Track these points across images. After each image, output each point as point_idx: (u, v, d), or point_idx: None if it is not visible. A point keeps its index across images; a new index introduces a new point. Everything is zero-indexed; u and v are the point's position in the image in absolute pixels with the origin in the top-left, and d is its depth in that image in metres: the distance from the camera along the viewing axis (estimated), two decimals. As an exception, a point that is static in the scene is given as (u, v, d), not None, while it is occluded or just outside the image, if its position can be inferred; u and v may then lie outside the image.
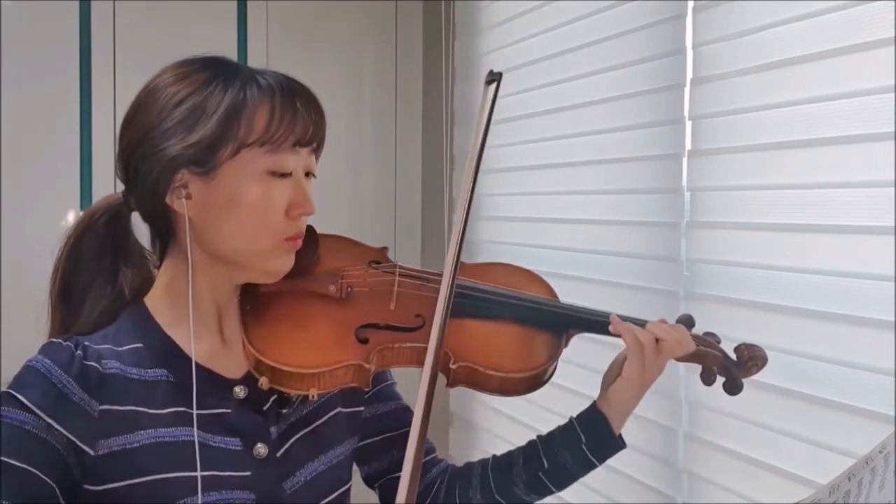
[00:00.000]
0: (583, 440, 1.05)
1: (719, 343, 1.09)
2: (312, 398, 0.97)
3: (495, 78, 0.96)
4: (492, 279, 1.10)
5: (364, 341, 0.98)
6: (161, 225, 0.97)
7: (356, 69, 2.56)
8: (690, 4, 1.48)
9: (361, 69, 2.57)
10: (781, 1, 1.28)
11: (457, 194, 2.30)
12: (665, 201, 1.55)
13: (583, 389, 1.56)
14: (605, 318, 1.05)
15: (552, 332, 1.05)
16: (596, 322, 1.06)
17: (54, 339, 0.93)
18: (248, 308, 0.98)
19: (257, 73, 0.94)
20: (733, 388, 1.07)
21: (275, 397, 0.99)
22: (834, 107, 1.20)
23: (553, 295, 1.11)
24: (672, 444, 1.52)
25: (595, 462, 1.06)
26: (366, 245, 1.10)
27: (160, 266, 1.00)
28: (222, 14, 2.36)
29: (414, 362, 0.99)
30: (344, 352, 0.96)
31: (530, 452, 1.09)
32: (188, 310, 0.95)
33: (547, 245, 1.90)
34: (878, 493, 0.68)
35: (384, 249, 1.10)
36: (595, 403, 1.07)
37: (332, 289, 1.01)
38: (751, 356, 1.06)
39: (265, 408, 0.98)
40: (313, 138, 0.95)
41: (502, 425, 2.07)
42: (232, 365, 0.98)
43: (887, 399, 1.11)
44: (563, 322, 1.06)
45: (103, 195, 1.04)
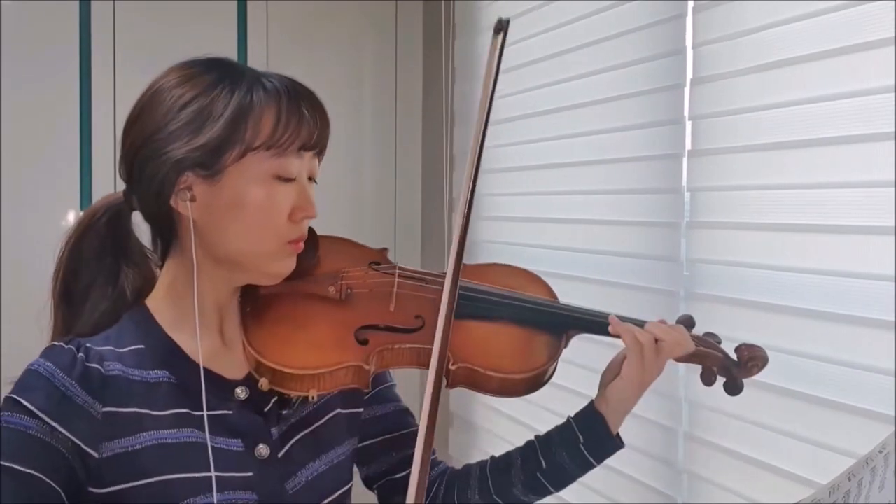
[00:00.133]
0: (581, 440, 1.05)
1: (720, 343, 1.09)
2: (312, 399, 0.97)
3: (503, 27, 0.92)
4: (491, 280, 1.10)
5: (364, 342, 0.98)
6: (164, 226, 0.97)
7: (356, 69, 2.56)
8: (690, 4, 1.48)
9: (361, 69, 2.57)
10: (781, 1, 1.28)
11: (457, 194, 2.30)
12: (665, 201, 1.55)
13: (582, 389, 1.56)
14: (605, 319, 1.04)
15: (552, 333, 1.05)
16: (596, 323, 1.05)
17: (56, 343, 0.93)
18: (249, 310, 0.99)
19: (262, 76, 0.94)
20: (734, 389, 1.07)
21: (276, 398, 0.99)
22: (834, 107, 1.20)
23: (553, 295, 1.11)
24: (672, 444, 1.52)
25: (593, 462, 1.05)
26: (365, 246, 1.10)
27: (162, 266, 1.00)
28: (222, 14, 2.36)
29: (414, 363, 0.99)
30: (344, 353, 0.96)
31: (528, 453, 1.08)
32: (190, 311, 0.95)
33: (547, 245, 1.90)
34: (878, 493, 0.68)
35: (384, 250, 1.10)
36: (593, 403, 1.06)
37: (332, 290, 1.01)
38: (751, 356, 1.06)
39: (266, 409, 0.98)
40: (318, 142, 0.95)
41: (502, 425, 2.07)
42: (233, 366, 0.98)
43: (887, 399, 1.11)
44: (563, 323, 1.06)
45: (103, 195, 1.03)
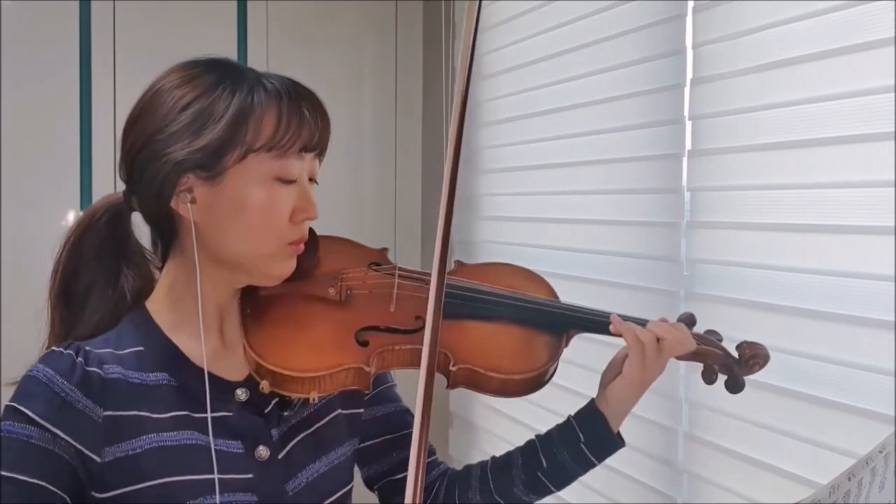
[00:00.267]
0: (581, 439, 1.04)
1: (721, 341, 1.09)
2: (313, 401, 0.97)
3: None
4: (492, 280, 1.10)
5: (364, 344, 0.97)
6: (164, 227, 0.97)
7: (356, 69, 2.56)
8: (690, 4, 1.48)
9: (361, 69, 2.57)
10: (781, 1, 1.28)
11: (458, 193, 2.29)
12: (665, 201, 1.55)
13: (583, 389, 1.56)
14: (606, 318, 1.04)
15: (552, 333, 1.05)
16: (596, 322, 1.05)
17: (54, 348, 0.93)
18: (249, 311, 0.98)
19: (263, 77, 0.93)
20: (735, 387, 1.06)
21: (276, 400, 0.99)
22: (834, 107, 1.20)
23: (554, 295, 1.11)
24: (672, 444, 1.52)
25: (594, 461, 1.05)
26: (365, 246, 1.10)
27: (162, 267, 1.00)
28: (222, 14, 2.36)
29: (415, 364, 0.99)
30: (344, 355, 0.96)
31: (529, 452, 1.08)
32: (190, 312, 0.95)
33: (547, 245, 1.90)
34: (878, 493, 0.68)
35: (384, 250, 1.10)
36: (593, 402, 1.06)
37: (332, 291, 1.01)
38: (753, 354, 1.06)
39: (267, 410, 0.98)
40: (319, 144, 0.95)
41: (502, 425, 2.07)
42: (233, 367, 0.98)
43: (887, 399, 1.11)
44: (564, 322, 1.06)
45: (103, 195, 1.03)
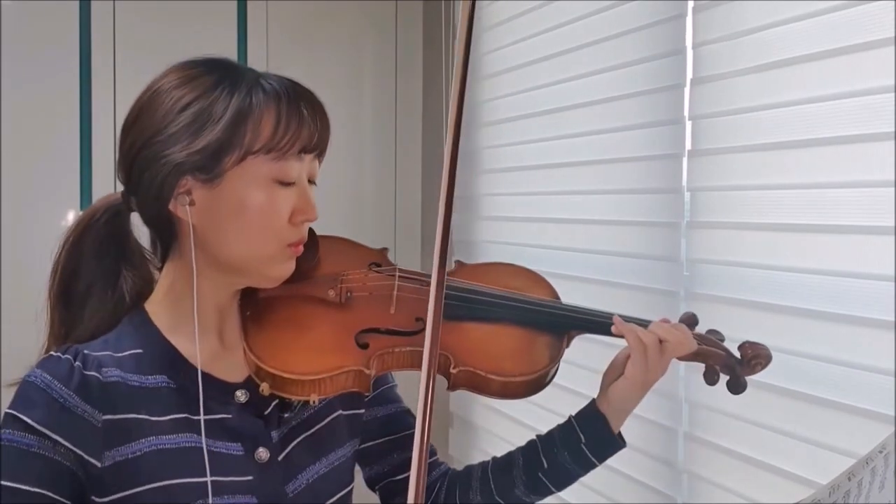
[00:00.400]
0: (582, 440, 1.04)
1: (723, 341, 1.08)
2: (314, 403, 0.96)
3: None
4: (492, 280, 1.09)
5: (364, 346, 0.97)
6: (163, 229, 0.96)
7: (356, 69, 2.56)
8: (690, 4, 1.48)
9: (361, 69, 2.57)
10: (781, 1, 1.28)
11: (458, 194, 2.29)
12: (665, 201, 1.55)
13: (583, 390, 1.56)
14: (607, 319, 1.04)
15: (553, 334, 1.05)
16: (598, 323, 1.05)
17: (52, 353, 0.92)
18: (249, 313, 0.98)
19: (262, 77, 0.93)
20: (737, 387, 1.05)
21: (276, 401, 0.98)
22: (834, 107, 1.20)
23: (555, 295, 1.11)
24: (672, 444, 1.52)
25: (595, 462, 1.05)
26: (365, 246, 1.10)
27: (161, 268, 1.00)
28: (222, 14, 2.36)
29: (415, 366, 0.99)
30: (345, 357, 0.95)
31: (530, 453, 1.08)
32: (189, 314, 0.94)
33: (547, 245, 1.90)
34: (878, 493, 0.68)
35: (384, 250, 1.10)
36: (594, 402, 1.06)
37: (332, 293, 1.00)
38: (755, 354, 1.05)
39: (267, 412, 0.98)
40: (318, 145, 0.94)
41: (502, 426, 2.07)
42: (233, 369, 0.97)
43: (887, 399, 1.11)
44: (565, 323, 1.06)
45: (103, 195, 1.03)
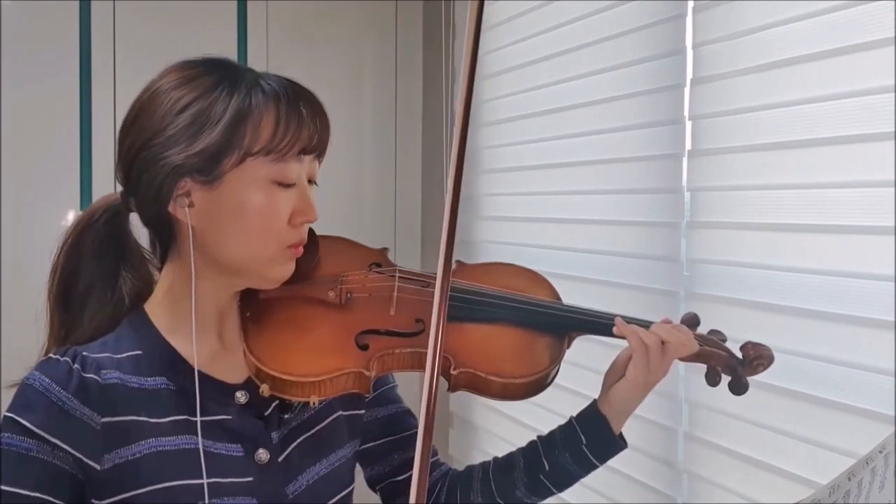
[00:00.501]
0: (583, 441, 1.04)
1: (725, 341, 1.08)
2: (314, 405, 0.96)
3: None
4: (493, 280, 1.09)
5: (364, 347, 0.97)
6: (162, 230, 0.96)
7: (356, 69, 2.56)
8: (690, 4, 1.48)
9: (361, 69, 2.57)
10: (781, 1, 1.28)
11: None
12: (665, 201, 1.55)
13: (584, 390, 1.56)
14: (608, 320, 1.04)
15: (554, 335, 1.05)
16: (599, 324, 1.05)
17: (51, 355, 0.92)
18: (249, 314, 0.98)
19: (261, 78, 0.92)
20: (739, 388, 1.05)
21: (276, 402, 0.98)
22: (834, 107, 1.20)
23: (556, 296, 1.11)
24: (672, 444, 1.52)
25: (596, 463, 1.05)
26: (365, 246, 1.09)
27: (161, 269, 0.99)
28: (222, 14, 2.36)
29: (415, 367, 0.99)
30: (345, 359, 0.95)
31: (530, 454, 1.08)
32: (188, 315, 0.94)
33: (547, 245, 1.90)
34: (878, 493, 0.68)
35: (384, 250, 1.10)
36: (595, 403, 1.06)
37: (332, 295, 1.00)
38: (757, 355, 1.05)
39: (267, 413, 0.98)
40: (318, 146, 0.93)
41: (502, 426, 2.07)
42: (232, 370, 0.97)
43: (887, 399, 1.11)
44: (565, 324, 1.06)
45: (103, 195, 1.02)
